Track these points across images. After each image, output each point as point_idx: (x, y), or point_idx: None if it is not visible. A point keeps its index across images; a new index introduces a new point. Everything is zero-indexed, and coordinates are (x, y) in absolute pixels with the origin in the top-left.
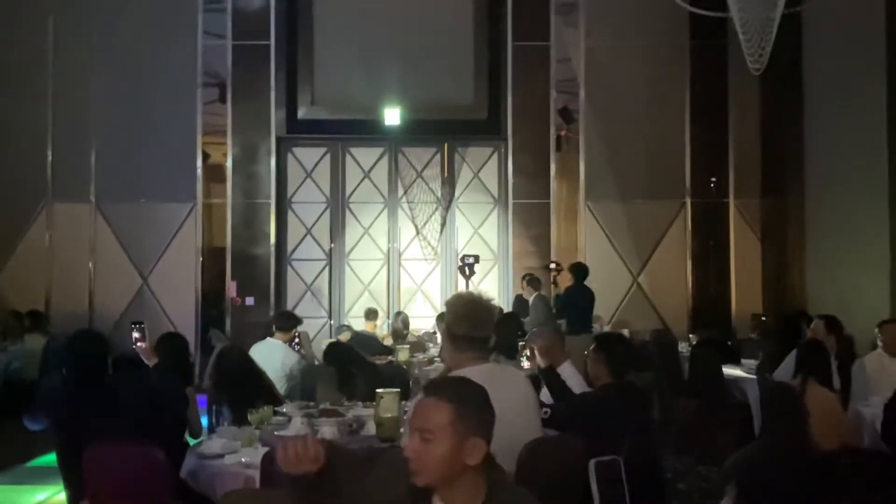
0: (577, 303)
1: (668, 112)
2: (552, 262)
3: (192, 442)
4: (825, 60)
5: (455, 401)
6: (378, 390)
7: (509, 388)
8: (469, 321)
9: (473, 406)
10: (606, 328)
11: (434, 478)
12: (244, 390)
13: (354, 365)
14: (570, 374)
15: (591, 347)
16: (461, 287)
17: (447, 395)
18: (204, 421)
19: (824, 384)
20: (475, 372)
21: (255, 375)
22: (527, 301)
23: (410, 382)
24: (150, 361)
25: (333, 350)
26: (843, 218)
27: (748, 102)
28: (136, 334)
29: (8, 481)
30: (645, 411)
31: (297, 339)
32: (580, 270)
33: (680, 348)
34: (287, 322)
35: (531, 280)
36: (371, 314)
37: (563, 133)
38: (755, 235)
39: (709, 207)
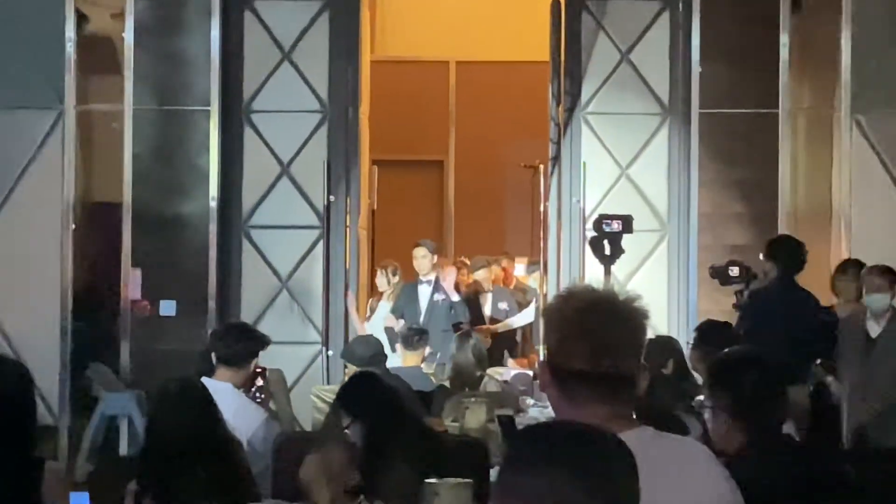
0: (772, 319)
1: None
2: (731, 262)
3: None
4: None
5: None
6: (429, 482)
7: (687, 479)
8: (590, 343)
9: None
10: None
11: None
12: (193, 473)
13: (393, 424)
14: None
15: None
16: (590, 278)
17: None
18: None
19: None
20: None
21: (224, 445)
22: None
23: (493, 470)
24: None
25: (363, 388)
26: None
27: None
28: None
29: None
30: None
31: (259, 381)
32: (786, 253)
33: None
34: (241, 347)
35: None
36: (415, 338)
37: None
38: None
39: None
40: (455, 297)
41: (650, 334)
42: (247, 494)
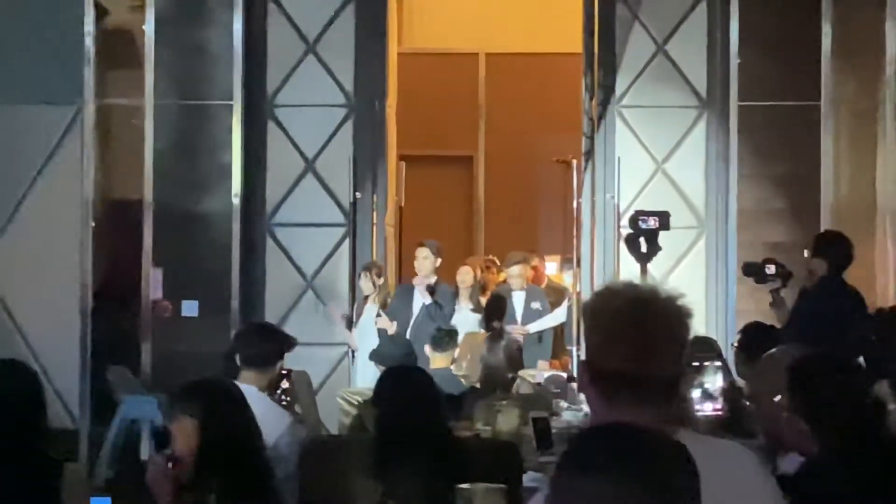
0: (824, 318)
1: None
2: (769, 261)
3: None
4: None
5: None
6: (461, 487)
7: (730, 483)
8: (631, 344)
9: None
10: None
11: None
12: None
13: (406, 422)
14: None
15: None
16: (625, 276)
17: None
18: None
19: None
20: None
21: (252, 450)
22: None
23: (525, 475)
24: None
25: (389, 381)
26: None
27: None
28: None
29: None
30: None
31: (284, 384)
32: (835, 250)
33: None
34: (266, 348)
35: None
36: (444, 340)
37: None
38: None
39: None
40: (427, 301)
41: None
42: (271, 501)
